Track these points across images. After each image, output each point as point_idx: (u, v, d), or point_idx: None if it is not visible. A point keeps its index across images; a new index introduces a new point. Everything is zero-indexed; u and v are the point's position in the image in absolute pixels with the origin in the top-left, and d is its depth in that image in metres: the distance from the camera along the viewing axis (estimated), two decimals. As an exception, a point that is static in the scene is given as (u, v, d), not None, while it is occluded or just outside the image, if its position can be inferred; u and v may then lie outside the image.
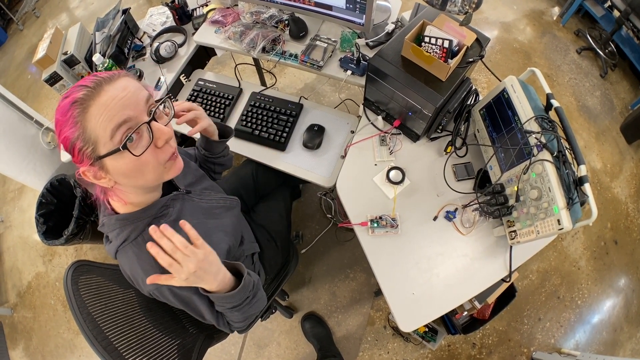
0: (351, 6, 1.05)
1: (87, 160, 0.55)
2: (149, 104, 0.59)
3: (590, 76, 2.27)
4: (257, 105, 1.23)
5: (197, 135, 1.23)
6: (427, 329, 1.52)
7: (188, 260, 0.57)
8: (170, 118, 0.63)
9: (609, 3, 2.33)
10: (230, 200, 0.90)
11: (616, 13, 2.21)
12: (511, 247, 0.90)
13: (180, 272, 0.57)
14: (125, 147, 0.54)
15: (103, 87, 0.53)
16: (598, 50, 2.28)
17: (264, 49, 1.25)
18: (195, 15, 1.44)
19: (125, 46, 1.38)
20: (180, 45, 1.37)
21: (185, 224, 0.60)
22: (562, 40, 2.43)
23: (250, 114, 1.22)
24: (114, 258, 0.69)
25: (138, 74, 1.34)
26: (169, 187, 0.76)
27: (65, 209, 1.65)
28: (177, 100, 1.32)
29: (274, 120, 1.19)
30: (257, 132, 1.18)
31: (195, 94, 1.30)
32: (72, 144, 0.54)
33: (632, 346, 1.57)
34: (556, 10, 2.60)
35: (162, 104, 0.62)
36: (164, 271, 0.58)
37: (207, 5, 1.43)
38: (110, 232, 0.67)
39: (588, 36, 2.34)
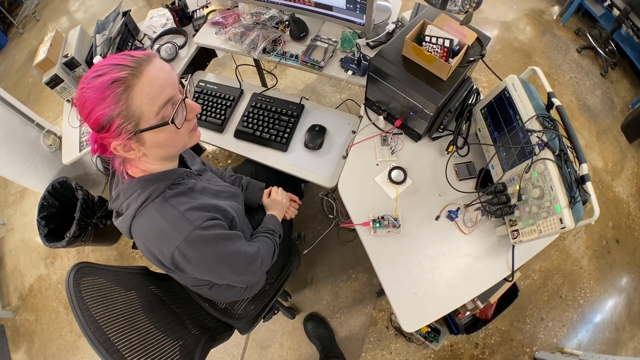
0: (351, 6, 1.05)
1: (125, 134, 0.59)
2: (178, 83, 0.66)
3: (590, 75, 2.27)
4: (258, 106, 1.23)
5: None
6: (429, 329, 1.51)
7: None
8: (191, 95, 0.74)
9: (608, 2, 2.33)
10: (235, 189, 0.94)
11: (616, 12, 2.21)
12: (513, 246, 0.90)
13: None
14: (172, 121, 0.62)
15: (144, 67, 0.58)
16: (598, 49, 2.28)
17: (264, 50, 1.25)
18: (195, 16, 1.44)
19: (126, 48, 1.38)
20: (181, 47, 1.38)
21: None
22: (562, 39, 2.43)
23: (251, 115, 1.22)
24: (128, 230, 0.69)
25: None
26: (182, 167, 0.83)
27: (67, 212, 1.66)
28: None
29: (275, 121, 1.19)
30: (258, 133, 1.18)
31: (197, 95, 1.30)
32: (110, 119, 0.57)
33: (634, 345, 1.56)
34: (556, 9, 2.60)
35: (188, 84, 0.70)
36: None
37: (207, 7, 1.43)
38: (128, 198, 0.68)
39: (588, 35, 2.35)
